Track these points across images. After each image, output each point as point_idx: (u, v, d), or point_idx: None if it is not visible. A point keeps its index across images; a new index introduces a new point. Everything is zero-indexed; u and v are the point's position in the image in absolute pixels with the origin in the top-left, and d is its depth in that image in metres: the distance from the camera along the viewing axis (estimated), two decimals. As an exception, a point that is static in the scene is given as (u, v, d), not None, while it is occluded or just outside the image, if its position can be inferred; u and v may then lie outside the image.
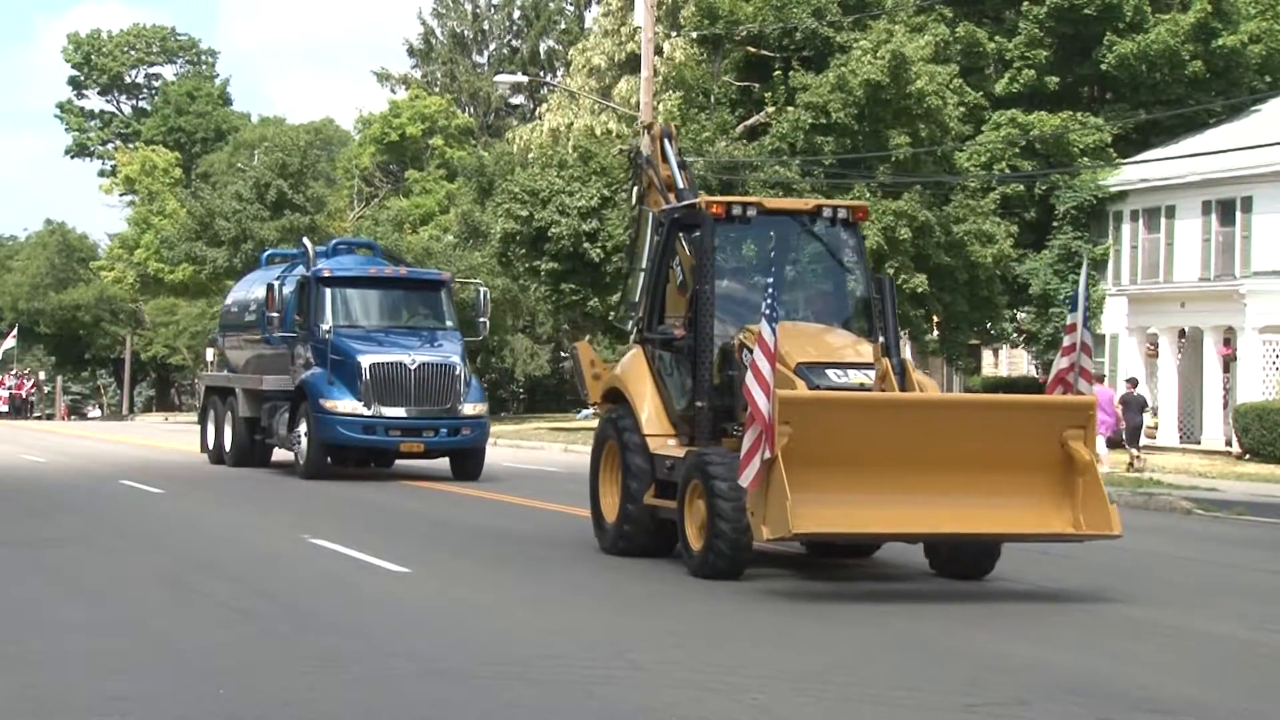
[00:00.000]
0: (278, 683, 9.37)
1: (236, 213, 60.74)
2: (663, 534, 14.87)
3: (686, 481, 13.86)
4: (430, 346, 26.33)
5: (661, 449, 14.87)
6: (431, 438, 25.82)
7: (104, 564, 14.78)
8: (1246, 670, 10.51)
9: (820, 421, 12.54)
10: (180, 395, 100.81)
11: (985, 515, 12.90)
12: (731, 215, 14.86)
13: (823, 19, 43.92)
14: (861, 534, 13.58)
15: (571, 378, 73.00)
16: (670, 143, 17.32)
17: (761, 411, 12.33)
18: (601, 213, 44.21)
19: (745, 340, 14.04)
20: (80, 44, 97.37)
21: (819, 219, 15.13)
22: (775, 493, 12.27)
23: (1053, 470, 12.99)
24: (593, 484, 15.91)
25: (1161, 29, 44.29)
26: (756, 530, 12.71)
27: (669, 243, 15.43)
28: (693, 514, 13.79)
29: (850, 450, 12.59)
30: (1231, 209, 40.21)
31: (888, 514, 12.72)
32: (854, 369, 13.76)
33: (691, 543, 13.82)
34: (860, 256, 15.43)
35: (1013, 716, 8.89)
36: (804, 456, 12.31)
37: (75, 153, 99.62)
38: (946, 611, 12.62)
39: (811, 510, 12.22)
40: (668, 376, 15.23)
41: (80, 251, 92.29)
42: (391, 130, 73.48)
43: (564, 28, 79.12)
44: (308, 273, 27.10)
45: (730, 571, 13.44)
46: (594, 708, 8.86)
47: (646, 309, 15.69)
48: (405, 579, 13.98)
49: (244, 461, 28.56)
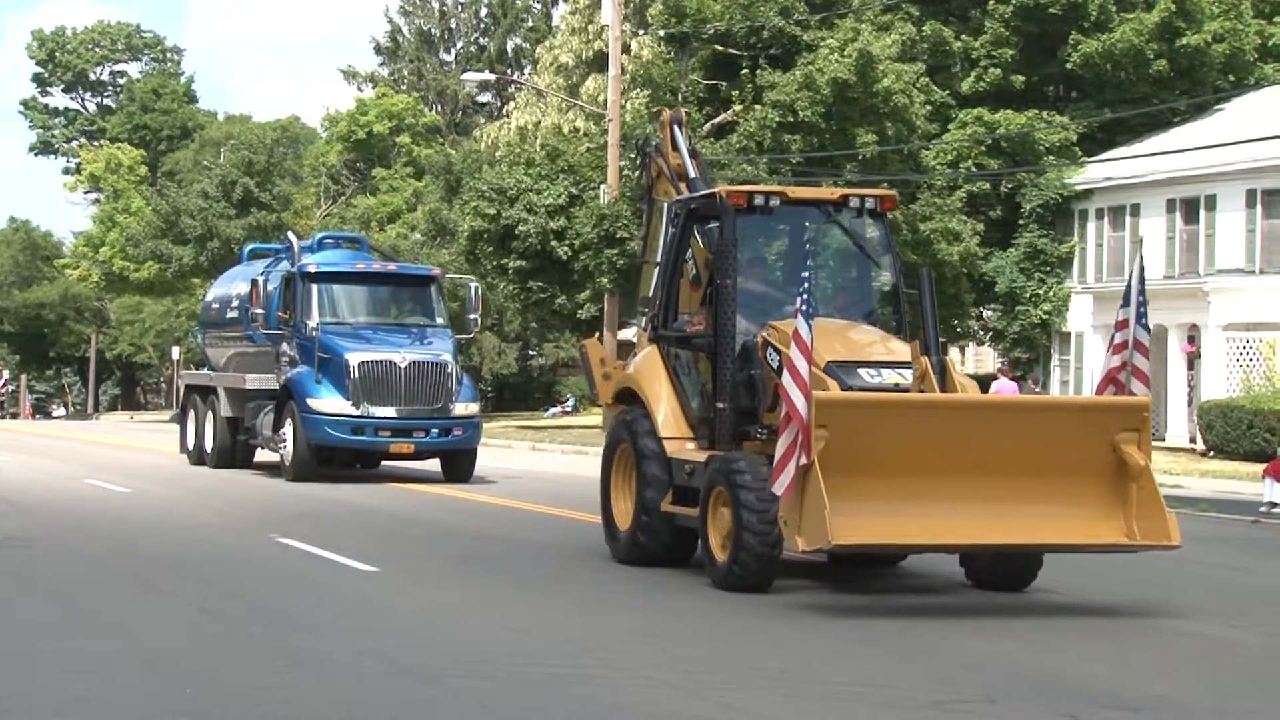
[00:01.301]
0: (245, 683, 9.33)
1: (202, 211, 60.55)
2: (679, 542, 14.17)
3: (710, 488, 13.08)
4: (420, 344, 25.61)
5: (680, 453, 14.05)
6: (422, 438, 25.08)
7: (71, 564, 14.70)
8: (1216, 667, 10.56)
9: (859, 425, 11.83)
10: (145, 394, 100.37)
11: (1032, 524, 12.20)
12: (753, 205, 14.00)
13: (790, 18, 44.00)
14: (903, 545, 12.81)
15: (540, 376, 73.04)
16: (681, 129, 16.50)
17: (799, 413, 11.60)
18: (569, 211, 44.20)
19: (769, 337, 13.37)
20: (45, 41, 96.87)
21: (845, 208, 14.37)
22: (812, 501, 11.57)
23: (1104, 476, 12.28)
24: (604, 489, 15.03)
25: (1126, 28, 44.52)
26: (790, 541, 11.96)
27: (684, 235, 14.63)
28: (717, 523, 13.01)
29: (890, 455, 11.89)
30: (1195, 207, 40.45)
31: (930, 524, 11.99)
32: (887, 368, 12.98)
33: (715, 553, 13.05)
34: (888, 248, 14.65)
35: (980, 714, 8.93)
36: (841, 462, 11.58)
37: (39, 150, 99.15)
38: (918, 610, 12.67)
39: (851, 520, 11.52)
40: (685, 376, 14.45)
41: (45, 249, 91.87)
42: (358, 128, 73.34)
43: (531, 26, 79.06)
44: (293, 268, 26.26)
45: (757, 584, 12.74)
46: (563, 706, 8.87)
47: (661, 304, 14.83)
48: (374, 578, 13.96)
49: (226, 463, 27.81)
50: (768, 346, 13.34)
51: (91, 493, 23.13)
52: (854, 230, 14.55)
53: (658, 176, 16.45)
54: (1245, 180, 39.16)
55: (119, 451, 35.72)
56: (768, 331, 13.48)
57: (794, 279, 14.17)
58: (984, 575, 13.44)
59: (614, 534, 14.85)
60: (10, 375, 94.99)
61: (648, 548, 14.31)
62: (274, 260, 28.37)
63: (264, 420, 26.22)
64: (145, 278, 66.93)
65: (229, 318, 28.77)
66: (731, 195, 13.99)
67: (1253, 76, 46.87)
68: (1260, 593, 14.51)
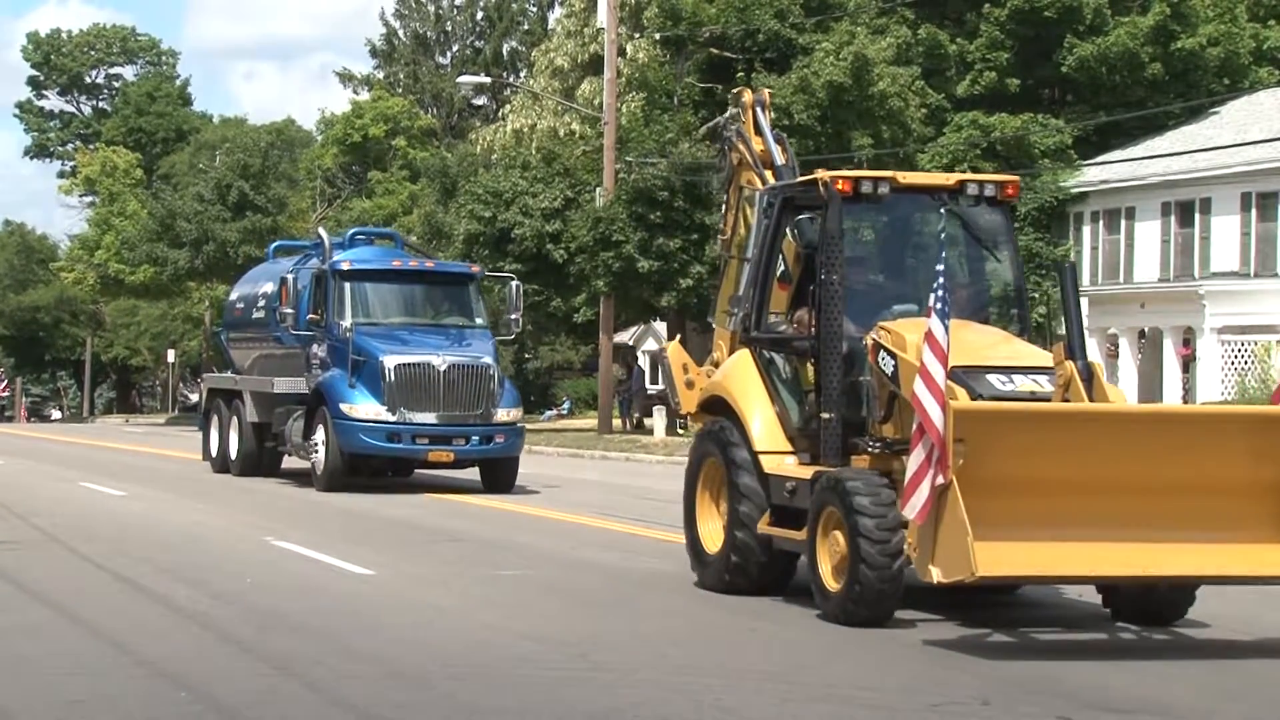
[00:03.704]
0: (238, 686, 9.32)
1: (198, 214, 60.47)
2: (777, 567, 12.89)
3: (820, 509, 11.74)
4: (459, 346, 24.10)
5: (779, 468, 12.74)
6: (462, 446, 23.57)
7: (63, 567, 14.67)
8: (1207, 671, 10.55)
9: (1001, 439, 10.55)
10: (141, 397, 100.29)
11: (1195, 553, 10.85)
12: (860, 193, 12.61)
13: (785, 21, 44.03)
14: (1053, 576, 11.56)
15: (536, 379, 72.95)
16: (763, 112, 15.05)
17: (935, 427, 10.38)
18: (565, 214, 44.21)
19: (881, 340, 12.04)
20: (40, 44, 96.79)
21: (962, 196, 12.99)
22: (950, 527, 10.34)
23: (1277, 497, 10.92)
24: (688, 508, 13.69)
25: (1121, 32, 44.58)
26: (923, 571, 10.72)
27: (779, 227, 13.35)
28: (828, 548, 11.68)
29: (1035, 473, 10.60)
30: (1190, 210, 40.50)
31: (1080, 552, 10.70)
32: (1019, 373, 11.66)
33: (826, 582, 11.72)
34: (1010, 240, 13.33)
35: (974, 716, 8.92)
36: (981, 482, 10.36)
37: (35, 153, 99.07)
38: (912, 612, 12.66)
39: (996, 548, 10.29)
40: (782, 383, 13.16)
41: (40, 252, 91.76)
42: (354, 131, 73.33)
43: (527, 29, 79.09)
44: (324, 265, 24.75)
45: (874, 619, 11.42)
46: (556, 709, 8.85)
47: (754, 304, 13.45)
48: (369, 581, 13.94)
49: (251, 470, 26.41)
50: (879, 350, 12.02)
51: (88, 496, 23.08)
52: (970, 219, 13.19)
53: (738, 165, 15.03)
54: (1240, 184, 39.24)
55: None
56: (879, 333, 12.14)
57: (900, 274, 13.46)
58: (1129, 607, 11.98)
59: (702, 558, 13.47)
60: (7, 379, 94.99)
61: (743, 571, 12.91)
62: (303, 257, 26.93)
63: (293, 426, 24.87)
64: (140, 281, 66.82)
65: (255, 318, 27.39)
66: (837, 181, 12.65)
67: (1247, 80, 46.94)
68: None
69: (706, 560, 13.38)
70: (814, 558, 11.83)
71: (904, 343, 11.70)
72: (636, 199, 41.67)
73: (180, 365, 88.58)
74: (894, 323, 12.20)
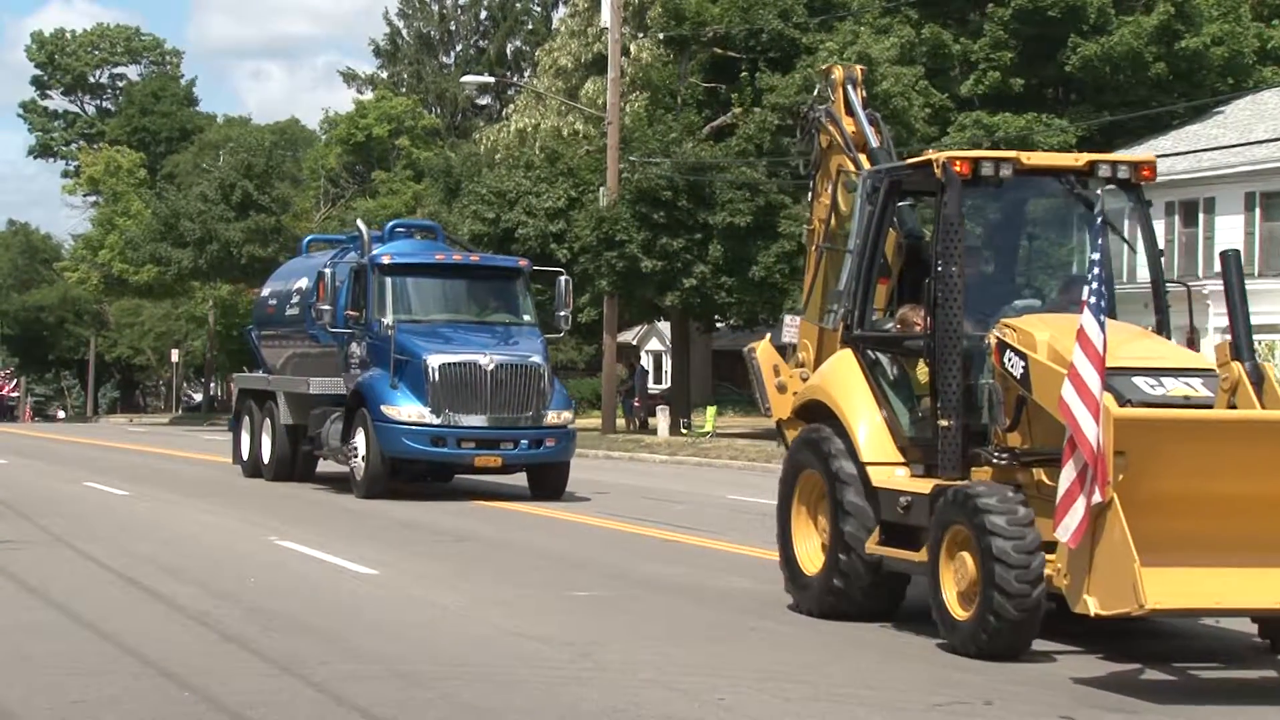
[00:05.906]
0: (241, 685, 9.32)
1: (202, 214, 60.48)
2: (885, 589, 11.73)
3: (944, 528, 10.51)
4: (506, 344, 22.68)
5: (888, 482, 11.51)
6: (510, 450, 22.12)
7: (68, 566, 14.68)
8: (1203, 670, 10.55)
9: (1164, 451, 9.43)
10: (145, 397, 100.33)
11: None
12: (980, 175, 11.34)
13: (789, 20, 44.00)
14: (1230, 609, 10.20)
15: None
16: (855, 90, 13.81)
17: (1088, 440, 9.27)
18: (568, 214, 44.22)
19: (1007, 338, 10.88)
20: (44, 43, 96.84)
21: (1093, 179, 11.76)
22: (1112, 552, 9.21)
23: None
24: (782, 525, 12.47)
25: (1125, 31, 44.54)
26: (1075, 601, 9.55)
27: (885, 213, 12.15)
28: (953, 571, 10.46)
29: (1201, 490, 9.49)
30: (1194, 210, 40.48)
31: (1256, 580, 9.52)
32: (1168, 375, 10.40)
33: (952, 609, 10.49)
34: (1146, 227, 12.11)
35: (978, 715, 8.92)
36: (1141, 501, 9.27)
37: (39, 153, 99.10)
38: (914, 612, 12.65)
39: (1165, 576, 9.18)
40: (890, 386, 11.97)
41: (44, 252, 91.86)
42: (358, 131, 73.35)
43: (531, 29, 79.12)
44: (363, 259, 23.35)
45: (1010, 652, 10.19)
46: (558, 709, 8.85)
47: (858, 299, 12.21)
48: (373, 580, 13.94)
49: (284, 475, 25.21)
50: (1005, 349, 10.84)
51: (91, 494, 23.08)
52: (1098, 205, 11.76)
53: (827, 148, 13.83)
54: (1244, 183, 39.20)
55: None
56: (1003, 331, 10.99)
57: (1018, 265, 12.44)
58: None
59: (799, 580, 12.25)
60: (15, 379, 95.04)
61: (846, 595, 11.71)
62: (340, 252, 25.39)
63: (331, 429, 23.47)
64: (144, 280, 66.85)
65: (288, 315, 26.03)
66: (955, 162, 11.39)
67: (1251, 79, 46.90)
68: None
69: (804, 582, 12.17)
70: (936, 582, 10.59)
71: (1034, 342, 10.69)
72: (640, 199, 41.68)
73: (184, 365, 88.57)
74: (1019, 319, 11.08)
